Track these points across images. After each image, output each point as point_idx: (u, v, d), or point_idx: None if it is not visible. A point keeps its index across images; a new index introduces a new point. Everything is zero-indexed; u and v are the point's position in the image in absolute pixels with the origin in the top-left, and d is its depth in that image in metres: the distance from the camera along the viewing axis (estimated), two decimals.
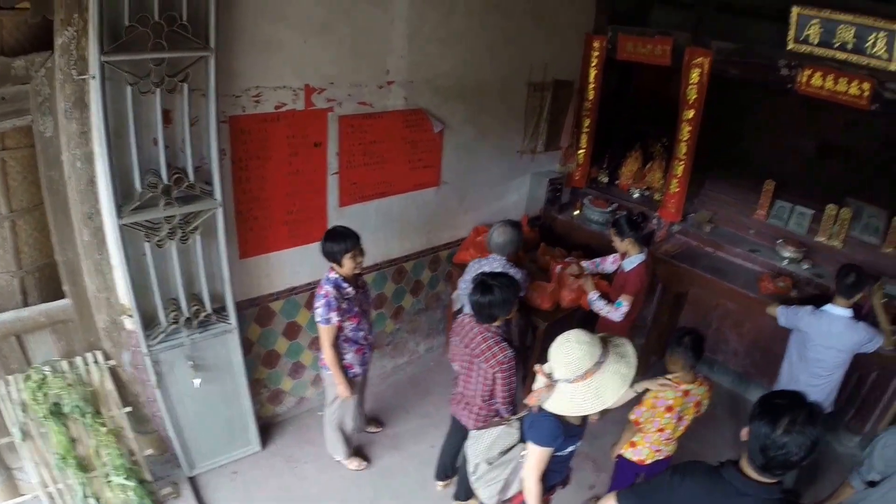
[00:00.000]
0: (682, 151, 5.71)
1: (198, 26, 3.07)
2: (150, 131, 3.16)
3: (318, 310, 3.59)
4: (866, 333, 3.93)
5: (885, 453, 3.21)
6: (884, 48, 4.41)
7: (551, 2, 5.55)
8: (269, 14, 3.53)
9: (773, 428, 1.88)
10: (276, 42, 3.62)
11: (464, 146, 5.27)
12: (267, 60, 3.63)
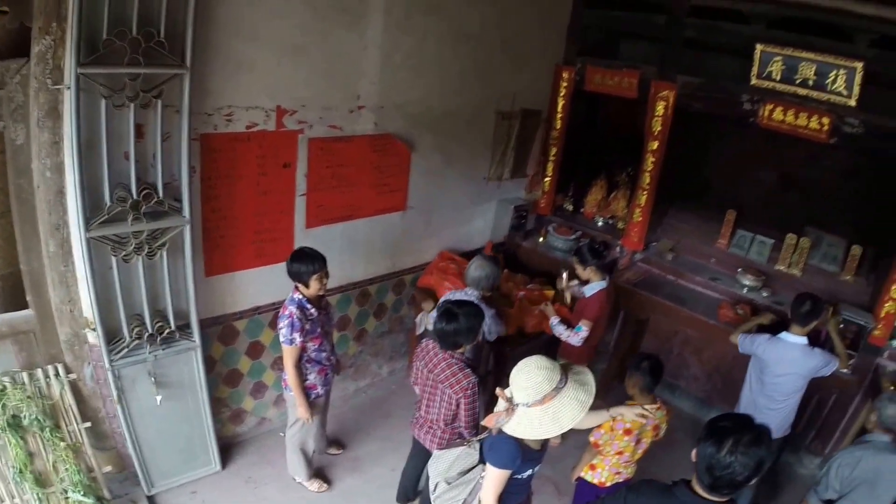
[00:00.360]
0: (645, 181, 6.02)
1: (174, 43, 3.22)
2: (121, 145, 3.27)
3: (281, 330, 3.70)
4: (822, 358, 4.14)
5: (840, 472, 3.43)
6: (843, 84, 4.83)
7: (522, 33, 5.88)
8: (245, 35, 3.70)
9: (719, 449, 2.03)
10: (250, 62, 3.79)
11: (431, 172, 5.49)
12: (240, 80, 3.79)
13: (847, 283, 5.60)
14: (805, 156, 6.07)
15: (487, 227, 6.48)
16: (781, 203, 6.37)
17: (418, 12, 4.77)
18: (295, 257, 3.71)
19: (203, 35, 3.43)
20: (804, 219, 6.06)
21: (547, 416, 2.51)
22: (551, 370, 2.54)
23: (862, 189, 5.94)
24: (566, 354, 4.84)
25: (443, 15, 5.00)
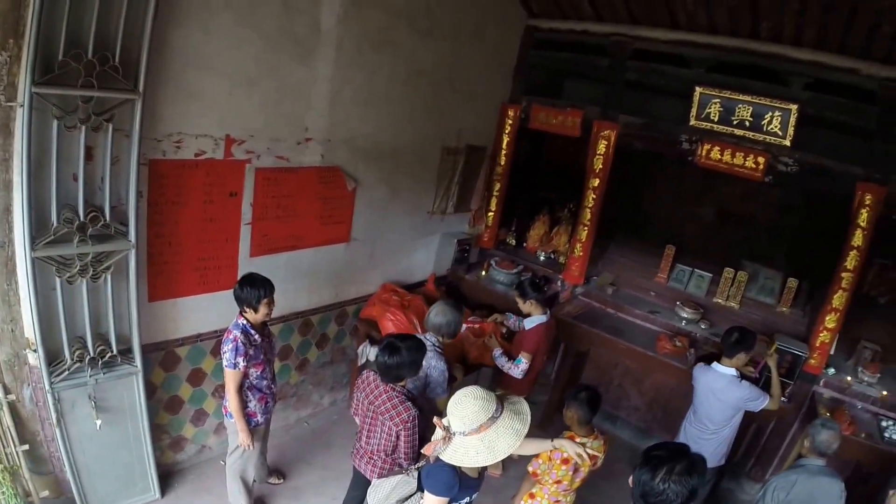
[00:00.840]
0: (586, 217, 6.45)
1: (128, 69, 3.41)
2: (71, 166, 3.42)
3: (225, 354, 3.85)
4: (750, 392, 4.46)
5: (776, 496, 3.75)
6: (779, 125, 5.40)
7: (470, 71, 6.31)
8: (198, 64, 3.93)
9: (653, 476, 2.22)
10: (201, 91, 4.01)
11: (376, 204, 5.78)
12: (191, 108, 4.00)
13: (784, 314, 6.12)
14: (742, 192, 6.70)
15: (430, 259, 6.79)
16: (719, 238, 6.94)
17: (369, 48, 5.11)
18: (244, 282, 3.88)
19: (157, 62, 3.63)
20: (741, 253, 6.61)
21: (483, 444, 2.64)
22: (487, 400, 2.70)
23: (797, 224, 6.55)
24: (506, 385, 5.10)
25: (394, 52, 5.36)
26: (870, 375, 5.47)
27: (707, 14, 5.57)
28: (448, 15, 5.79)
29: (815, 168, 5.38)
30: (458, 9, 5.91)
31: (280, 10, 4.29)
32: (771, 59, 5.48)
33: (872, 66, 5.07)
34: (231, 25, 4.02)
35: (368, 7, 4.97)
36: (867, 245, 5.16)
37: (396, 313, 5.58)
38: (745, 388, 4.45)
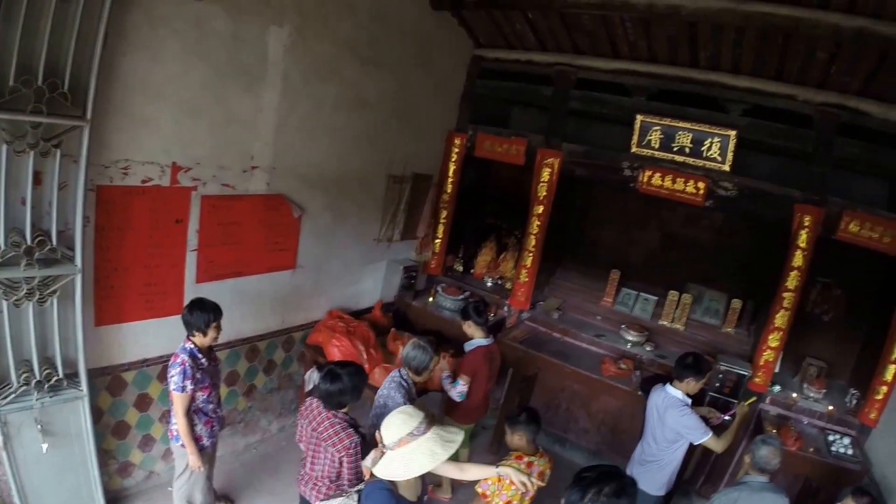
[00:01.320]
0: (531, 244, 6.84)
1: (77, 95, 3.62)
2: (19, 190, 3.59)
3: (173, 378, 4.03)
4: (691, 421, 4.60)
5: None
6: (718, 151, 5.89)
7: (417, 100, 6.72)
8: (146, 92, 4.18)
9: (581, 497, 2.33)
10: (149, 119, 4.26)
11: (321, 232, 6.07)
12: (139, 135, 4.23)
13: (729, 334, 6.60)
14: (685, 217, 7.20)
15: (378, 286, 7.09)
16: (664, 262, 7.40)
17: (315, 78, 5.45)
18: (193, 306, 4.11)
19: (105, 89, 3.86)
20: (686, 276, 7.09)
21: (400, 459, 2.82)
22: (411, 417, 2.92)
23: (740, 246, 7.03)
24: (449, 410, 5.40)
25: (339, 82, 5.71)
26: (815, 391, 5.92)
27: (647, 44, 6.09)
28: (394, 46, 6.21)
29: (754, 192, 5.88)
30: (404, 40, 6.34)
31: (228, 40, 4.59)
32: (710, 86, 6.01)
33: (808, 91, 5.63)
34: (179, 54, 4.29)
35: (315, 38, 5.32)
36: (807, 265, 5.63)
37: (342, 339, 5.82)
38: (687, 416, 4.59)
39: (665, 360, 6.28)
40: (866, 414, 5.48)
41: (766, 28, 5.03)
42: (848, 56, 5.08)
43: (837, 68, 5.29)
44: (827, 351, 6.43)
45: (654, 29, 5.83)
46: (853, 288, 6.36)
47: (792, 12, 4.74)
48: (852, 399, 5.87)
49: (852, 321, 6.37)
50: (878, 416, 5.43)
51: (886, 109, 5.39)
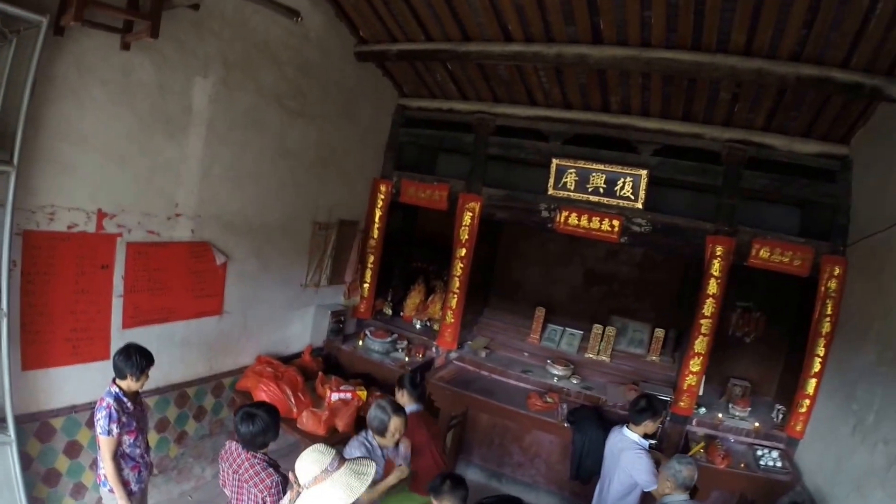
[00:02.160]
0: (455, 285, 7.35)
1: (5, 141, 3.90)
2: None
3: (99, 421, 4.18)
4: (645, 465, 4.79)
5: None
6: (630, 190, 6.53)
7: (341, 149, 7.26)
8: (73, 139, 4.52)
9: None
10: (75, 165, 4.58)
11: (248, 278, 6.43)
12: (65, 182, 4.55)
13: (654, 363, 7.24)
14: (605, 252, 7.89)
15: (307, 331, 7.47)
16: (587, 297, 8.04)
17: (239, 127, 5.91)
18: (124, 352, 4.28)
19: (33, 135, 4.18)
20: (610, 309, 7.73)
21: (318, 496, 2.97)
22: (323, 454, 3.12)
23: (660, 278, 7.72)
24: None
25: (263, 131, 6.19)
26: (741, 410, 6.53)
27: (561, 91, 6.78)
28: (319, 96, 6.76)
29: (667, 226, 6.55)
30: (329, 90, 6.91)
31: (154, 90, 5.02)
32: (622, 129, 6.74)
33: (715, 129, 6.40)
34: (106, 103, 4.69)
35: (239, 89, 5.81)
36: (722, 292, 6.27)
37: (269, 384, 6.08)
38: (642, 460, 4.77)
39: (591, 392, 6.83)
40: (792, 426, 6.07)
41: (669, 73, 5.72)
42: (749, 95, 5.83)
43: (741, 106, 6.05)
44: (752, 370, 7.15)
45: (566, 77, 6.52)
46: (773, 310, 7.11)
47: (693, 57, 5.42)
48: (778, 414, 6.48)
49: (773, 341, 7.11)
50: (803, 428, 6.02)
51: (790, 142, 6.21)
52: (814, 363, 5.94)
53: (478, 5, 5.84)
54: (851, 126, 5.86)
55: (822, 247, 6.09)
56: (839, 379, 5.65)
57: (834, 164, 6.10)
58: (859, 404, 5.08)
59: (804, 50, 5.06)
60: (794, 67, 5.17)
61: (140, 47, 4.81)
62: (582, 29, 5.65)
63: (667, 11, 5.11)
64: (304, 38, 6.48)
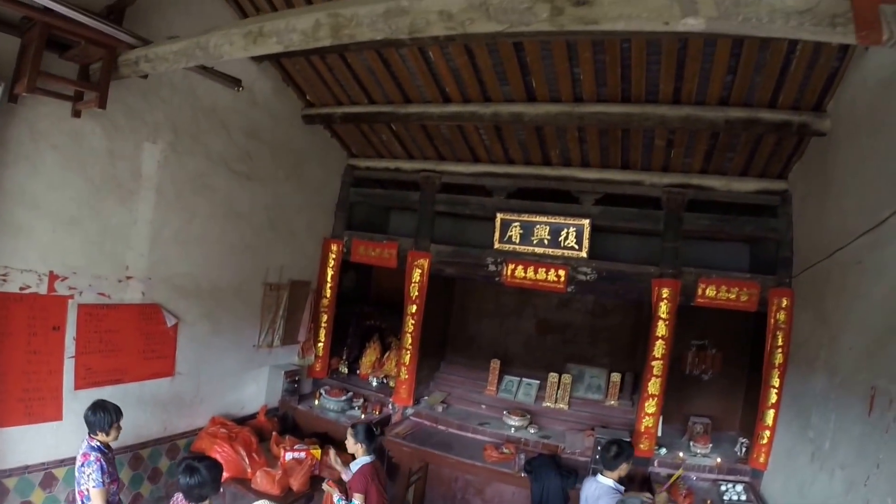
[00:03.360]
0: (408, 342, 7.84)
1: None
2: None
3: (91, 476, 4.50)
4: None
5: None
6: (574, 240, 7.08)
7: (291, 210, 7.80)
8: (26, 202, 4.95)
9: None
10: (28, 228, 5.01)
11: (200, 340, 6.83)
12: (17, 244, 4.95)
13: (613, 407, 7.69)
14: (558, 302, 8.48)
15: (262, 391, 7.85)
16: (542, 346, 8.61)
17: (189, 192, 6.42)
18: (96, 407, 4.67)
19: None
20: (565, 357, 8.27)
21: None
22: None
23: (613, 323, 8.32)
24: None
25: (212, 195, 6.70)
26: (702, 447, 6.98)
27: (502, 147, 7.43)
28: (267, 159, 7.35)
29: (612, 273, 7.10)
30: (277, 153, 7.50)
31: (104, 155, 5.52)
32: (562, 181, 7.36)
33: (654, 175, 7.03)
34: (58, 168, 5.17)
35: (187, 154, 6.34)
36: (671, 334, 6.78)
37: (223, 445, 6.41)
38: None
39: (549, 440, 7.22)
40: (756, 459, 6.50)
41: (603, 125, 6.37)
42: (683, 140, 6.48)
43: (676, 152, 6.70)
44: (714, 407, 7.66)
45: (506, 133, 7.18)
46: (729, 346, 7.65)
47: (623, 109, 6.06)
48: (742, 447, 6.93)
49: (732, 376, 7.66)
50: (766, 459, 6.44)
51: (728, 182, 6.86)
52: (770, 394, 6.41)
53: (416, 70, 6.50)
54: (787, 161, 6.51)
55: (768, 280, 6.66)
56: (795, 408, 6.07)
57: (774, 200, 6.74)
58: (815, 432, 5.44)
59: (731, 94, 5.70)
60: (723, 111, 5.79)
61: (91, 114, 5.33)
62: (516, 88, 6.31)
63: (594, 68, 5.77)
64: (251, 102, 7.08)
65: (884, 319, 4.38)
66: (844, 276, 5.20)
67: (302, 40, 3.70)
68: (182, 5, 5.97)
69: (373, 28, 3.35)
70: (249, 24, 3.99)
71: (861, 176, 4.98)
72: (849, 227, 5.03)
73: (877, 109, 4.69)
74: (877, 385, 4.34)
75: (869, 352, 4.59)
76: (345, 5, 3.44)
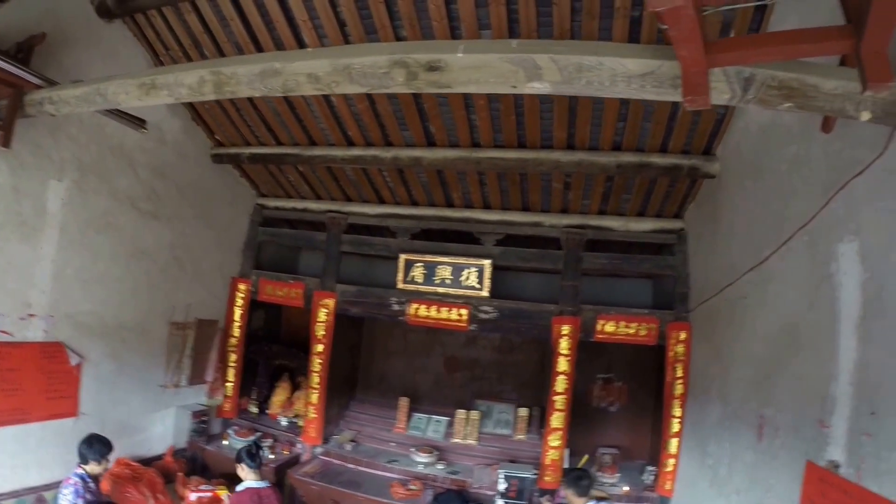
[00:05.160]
0: (315, 381, 8.32)
1: None
2: None
3: (67, 497, 5.02)
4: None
5: None
6: (476, 279, 7.69)
7: (198, 249, 8.20)
8: None
9: None
10: None
11: (104, 379, 7.08)
12: None
13: (521, 441, 8.31)
14: (465, 339, 9.14)
15: (168, 432, 8.13)
16: (450, 383, 9.24)
17: (93, 230, 6.74)
18: (87, 440, 5.32)
19: None
20: (473, 394, 8.92)
21: None
22: None
23: (519, 360, 9.04)
24: None
25: (117, 234, 7.04)
26: (610, 477, 7.63)
27: (406, 190, 8.07)
28: (174, 198, 7.75)
29: (513, 311, 7.75)
30: (185, 192, 7.92)
31: (8, 192, 5.83)
32: (465, 222, 8.05)
33: (553, 217, 7.77)
34: None
35: (93, 192, 6.69)
36: (572, 369, 7.41)
37: (128, 487, 6.70)
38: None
39: (458, 476, 7.76)
40: (662, 486, 7.17)
41: (500, 169, 7.02)
42: (580, 184, 7.23)
43: (574, 194, 7.45)
44: (623, 438, 8.41)
45: (409, 176, 7.85)
46: (634, 378, 8.42)
47: (518, 154, 6.78)
48: (650, 475, 7.60)
49: (639, 407, 8.41)
50: (672, 486, 7.10)
51: (626, 222, 7.67)
52: (672, 424, 7.11)
53: (320, 113, 7.12)
54: (683, 202, 7.35)
55: (666, 315, 7.43)
56: (695, 437, 6.73)
57: (671, 238, 7.58)
58: (713, 459, 6.07)
59: (624, 140, 6.45)
60: (615, 156, 6.55)
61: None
62: (416, 133, 6.99)
63: (490, 115, 6.48)
64: (160, 141, 7.52)
65: (768, 351, 5.01)
66: (733, 310, 5.89)
67: (189, 93, 4.19)
68: (93, 45, 6.42)
69: (250, 86, 3.87)
70: (143, 76, 4.45)
71: (746, 216, 5.70)
72: (736, 265, 5.74)
73: (759, 154, 5.40)
74: (764, 414, 4.94)
75: (756, 382, 5.20)
76: (226, 64, 3.98)
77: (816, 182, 4.27)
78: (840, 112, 2.95)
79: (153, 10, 6.50)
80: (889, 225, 3.42)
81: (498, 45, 3.59)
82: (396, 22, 5.67)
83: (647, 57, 3.02)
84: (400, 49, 3.45)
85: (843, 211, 3.90)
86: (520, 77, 3.19)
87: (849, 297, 3.80)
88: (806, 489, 4.14)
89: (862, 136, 3.66)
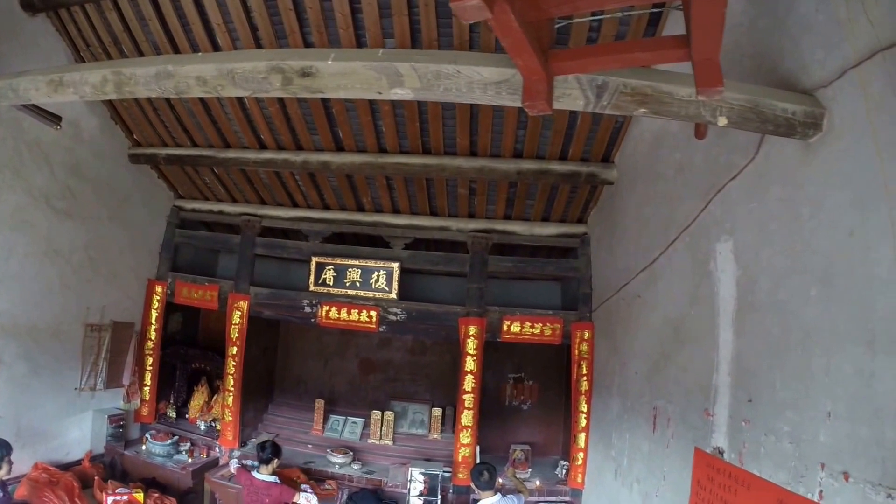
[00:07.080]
0: (230, 384, 8.69)
1: None
2: None
3: None
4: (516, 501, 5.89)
5: None
6: (385, 282, 8.22)
7: (113, 250, 8.44)
8: None
9: None
10: None
11: (17, 382, 7.21)
12: None
13: (436, 440, 8.90)
14: (379, 341, 9.71)
15: (86, 437, 8.32)
16: (365, 385, 9.82)
17: (6, 228, 6.91)
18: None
19: None
20: (388, 395, 9.48)
21: None
22: None
23: (432, 361, 9.68)
24: None
25: (32, 231, 7.22)
26: (521, 472, 8.20)
27: (318, 194, 8.59)
28: (90, 197, 7.98)
29: (421, 313, 8.35)
30: (101, 191, 8.16)
31: None
32: (375, 226, 8.62)
33: (460, 221, 8.38)
34: None
35: (7, 188, 6.86)
36: (479, 368, 8.00)
37: (44, 492, 6.92)
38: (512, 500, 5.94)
39: (373, 475, 8.32)
40: (574, 479, 7.80)
41: (406, 174, 7.60)
42: (484, 189, 7.82)
43: (479, 200, 8.05)
44: (536, 434, 9.11)
45: (320, 180, 8.35)
46: (545, 377, 9.20)
47: (422, 160, 7.33)
48: (562, 469, 8.25)
49: (551, 405, 9.16)
50: (583, 479, 7.73)
51: (530, 227, 8.32)
52: (580, 419, 7.76)
53: (234, 116, 7.54)
54: (585, 207, 8.02)
55: (570, 315, 8.13)
56: (600, 430, 7.34)
57: (575, 242, 8.27)
58: (616, 451, 6.64)
59: (525, 147, 7.04)
60: (516, 163, 7.15)
61: None
62: (325, 138, 7.49)
63: (395, 121, 7.01)
64: (77, 138, 7.75)
65: (659, 346, 5.59)
66: (629, 309, 6.52)
67: (93, 92, 4.44)
68: (14, 38, 6.64)
69: (147, 87, 4.16)
70: (52, 73, 4.64)
71: (640, 220, 6.32)
72: (631, 266, 6.36)
73: (652, 160, 6.01)
74: (657, 405, 5.51)
75: (649, 375, 5.79)
76: (126, 65, 4.28)
77: (698, 186, 4.84)
78: (697, 118, 3.38)
79: (76, 6, 6.77)
80: (759, 224, 3.97)
81: (365, 53, 4.11)
82: (306, 29, 6.13)
83: (502, 66, 3.36)
84: (278, 56, 3.80)
85: (720, 212, 4.47)
86: (383, 84, 3.53)
87: (726, 293, 4.36)
88: (696, 474, 4.64)
89: (737, 143, 4.23)
